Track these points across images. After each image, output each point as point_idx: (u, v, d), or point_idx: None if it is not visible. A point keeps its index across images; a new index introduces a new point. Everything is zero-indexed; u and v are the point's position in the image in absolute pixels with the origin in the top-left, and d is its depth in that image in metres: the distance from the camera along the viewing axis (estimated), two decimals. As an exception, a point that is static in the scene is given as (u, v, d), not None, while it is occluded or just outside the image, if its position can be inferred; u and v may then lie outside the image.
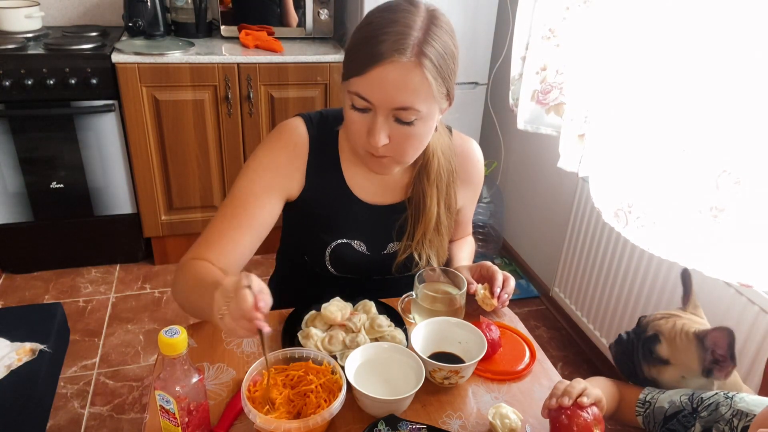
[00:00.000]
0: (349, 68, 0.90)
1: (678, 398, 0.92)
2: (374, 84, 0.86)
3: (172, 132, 2.28)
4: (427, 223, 1.09)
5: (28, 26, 2.32)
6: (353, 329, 0.98)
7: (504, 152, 2.71)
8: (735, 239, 1.34)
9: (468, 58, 2.46)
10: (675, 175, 1.47)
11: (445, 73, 0.90)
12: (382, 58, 0.84)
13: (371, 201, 1.11)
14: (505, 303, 1.09)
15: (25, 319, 1.48)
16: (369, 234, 1.12)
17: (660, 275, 1.72)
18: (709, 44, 1.35)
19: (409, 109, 0.88)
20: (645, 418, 0.94)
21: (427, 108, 0.90)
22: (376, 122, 0.89)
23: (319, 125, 1.08)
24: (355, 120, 0.92)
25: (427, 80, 0.87)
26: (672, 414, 0.91)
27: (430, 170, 1.07)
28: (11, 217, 2.31)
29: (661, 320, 1.14)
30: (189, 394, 0.76)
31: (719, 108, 1.34)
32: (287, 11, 2.47)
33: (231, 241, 1.01)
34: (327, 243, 1.11)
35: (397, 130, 0.91)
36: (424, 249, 1.11)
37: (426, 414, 0.88)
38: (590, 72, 1.78)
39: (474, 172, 1.18)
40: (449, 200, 1.12)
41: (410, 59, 0.85)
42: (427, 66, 0.86)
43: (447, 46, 0.89)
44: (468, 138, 1.18)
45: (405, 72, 0.85)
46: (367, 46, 0.86)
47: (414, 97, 0.87)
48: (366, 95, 0.88)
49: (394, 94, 0.86)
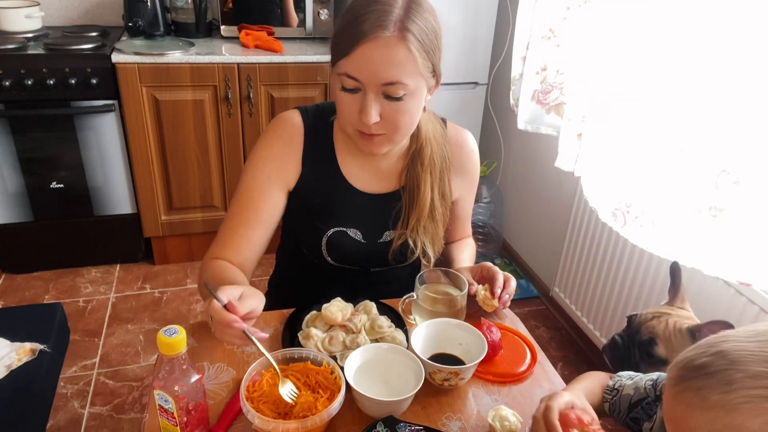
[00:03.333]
0: (336, 52, 0.93)
1: (643, 383, 0.90)
2: (361, 62, 0.89)
3: (172, 132, 2.27)
4: (421, 210, 1.11)
5: (28, 26, 2.32)
6: (354, 330, 0.98)
7: (504, 152, 2.71)
8: (734, 239, 1.34)
9: (468, 58, 2.46)
10: (674, 175, 1.47)
11: (428, 48, 0.92)
12: (366, 35, 0.88)
13: (366, 189, 1.12)
14: (506, 304, 1.09)
15: (25, 319, 1.48)
16: (365, 222, 1.13)
17: (660, 275, 1.72)
18: (708, 44, 1.35)
19: (396, 83, 0.90)
20: (611, 405, 0.92)
21: (415, 83, 0.92)
22: (367, 100, 0.92)
23: (315, 115, 1.11)
24: (345, 101, 0.95)
25: (411, 54, 0.89)
26: (636, 401, 0.89)
27: (423, 156, 1.09)
28: (11, 217, 2.31)
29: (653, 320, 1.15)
30: (188, 394, 0.76)
31: (718, 108, 1.34)
32: (287, 11, 2.47)
33: (243, 237, 1.08)
34: (323, 231, 1.12)
35: (388, 106, 0.93)
36: (418, 236, 1.12)
37: (425, 415, 0.88)
38: (590, 72, 1.78)
39: (468, 161, 1.19)
40: (443, 187, 1.14)
41: (393, 34, 0.88)
42: (410, 40, 0.89)
43: (428, 23, 0.92)
44: (462, 129, 1.19)
45: (389, 47, 0.88)
46: (350, 28, 0.90)
47: (401, 71, 0.90)
48: (354, 74, 0.90)
49: (381, 70, 0.89)
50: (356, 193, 1.12)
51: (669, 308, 1.16)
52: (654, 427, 0.84)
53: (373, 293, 1.09)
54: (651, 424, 0.85)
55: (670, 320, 1.11)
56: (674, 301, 1.19)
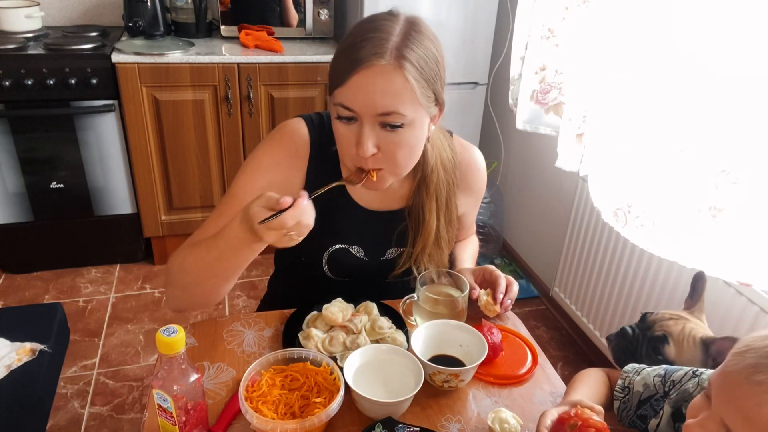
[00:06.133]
0: (332, 81, 0.90)
1: (651, 379, 0.89)
2: (356, 91, 0.85)
3: (172, 132, 2.27)
4: (427, 237, 1.08)
5: (28, 26, 2.32)
6: (354, 330, 0.98)
7: (504, 152, 2.71)
8: (734, 239, 1.34)
9: (468, 58, 2.46)
10: (674, 175, 1.47)
11: (428, 76, 0.88)
12: (361, 63, 0.84)
13: (371, 207, 1.09)
14: (507, 308, 1.08)
15: (25, 319, 1.48)
16: (368, 240, 1.11)
17: (660, 275, 1.72)
18: (708, 44, 1.35)
19: (392, 113, 0.86)
20: (622, 404, 0.92)
21: (413, 113, 0.88)
22: (363, 131, 0.87)
23: (320, 127, 1.06)
24: (342, 132, 0.91)
25: (408, 83, 0.85)
26: (645, 398, 0.88)
27: (429, 184, 1.06)
28: (11, 217, 2.31)
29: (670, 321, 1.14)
30: (187, 394, 0.76)
31: (718, 108, 1.34)
32: (287, 11, 2.47)
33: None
34: (324, 248, 1.10)
35: (385, 138, 0.89)
36: (423, 263, 1.10)
37: (425, 417, 0.88)
38: (589, 72, 1.78)
39: (476, 180, 1.16)
40: (449, 214, 1.11)
41: (389, 62, 0.84)
42: (407, 68, 0.85)
43: (429, 50, 0.88)
44: (469, 145, 1.16)
45: (385, 75, 0.84)
46: (346, 55, 0.86)
47: (397, 101, 0.86)
48: (349, 104, 0.87)
49: (376, 99, 0.85)
50: (360, 210, 1.09)
51: (688, 315, 1.16)
52: (661, 423, 0.84)
53: (374, 299, 1.07)
54: (657, 420, 0.84)
55: (687, 325, 1.11)
56: (693, 310, 1.19)
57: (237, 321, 1.06)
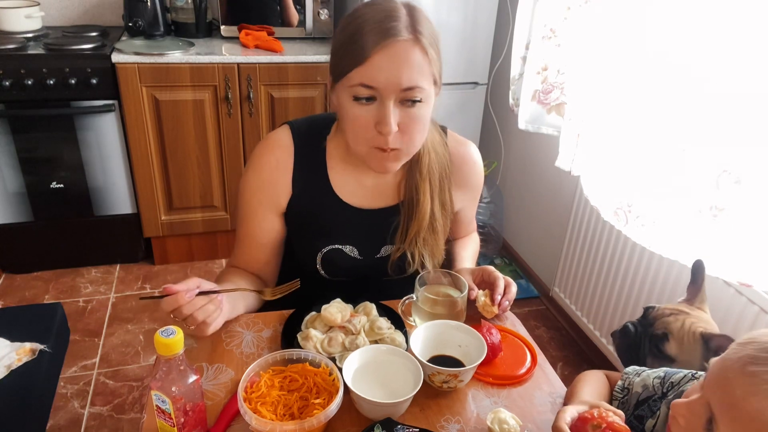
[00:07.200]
0: (344, 64, 0.90)
1: (651, 381, 0.89)
2: (379, 67, 0.87)
3: (172, 132, 2.27)
4: (421, 221, 1.08)
5: (28, 26, 2.32)
6: (353, 331, 0.98)
7: (504, 152, 2.71)
8: (735, 239, 1.34)
9: (468, 58, 2.46)
10: (675, 175, 1.47)
11: (438, 52, 0.93)
12: (382, 39, 0.87)
13: (362, 206, 1.10)
14: (505, 310, 1.08)
15: (25, 319, 1.48)
16: (361, 239, 1.11)
17: (660, 274, 1.71)
18: (709, 44, 1.35)
19: (415, 87, 0.89)
20: (620, 405, 0.91)
21: (429, 87, 0.91)
22: (386, 109, 0.89)
23: (307, 132, 1.08)
24: (359, 115, 0.91)
25: (427, 55, 0.89)
26: (643, 399, 0.88)
27: (422, 165, 1.06)
28: (11, 217, 2.31)
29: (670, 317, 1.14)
30: (185, 395, 0.76)
31: (719, 108, 1.34)
32: (287, 11, 2.47)
33: (251, 257, 1.14)
34: (318, 249, 1.11)
35: (405, 114, 0.91)
36: (417, 248, 1.10)
37: (424, 418, 0.88)
38: (591, 72, 1.78)
39: (471, 174, 1.16)
40: (443, 196, 1.11)
41: (408, 37, 0.88)
42: (424, 42, 0.89)
43: (432, 29, 0.93)
44: (464, 140, 1.16)
45: (407, 49, 0.88)
46: (361, 36, 0.88)
47: (419, 74, 0.89)
48: (371, 82, 0.88)
49: (401, 73, 0.87)
50: (351, 210, 1.09)
51: (688, 307, 1.16)
52: (657, 423, 0.84)
53: (372, 299, 1.07)
54: (654, 420, 0.84)
55: (687, 320, 1.10)
56: (693, 300, 1.18)
57: (235, 322, 1.06)
